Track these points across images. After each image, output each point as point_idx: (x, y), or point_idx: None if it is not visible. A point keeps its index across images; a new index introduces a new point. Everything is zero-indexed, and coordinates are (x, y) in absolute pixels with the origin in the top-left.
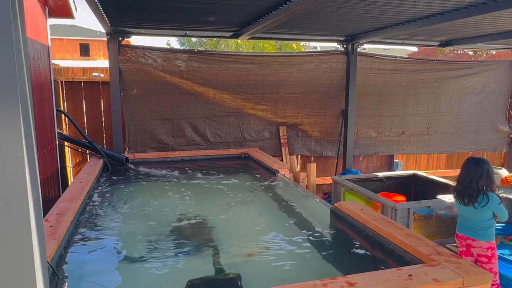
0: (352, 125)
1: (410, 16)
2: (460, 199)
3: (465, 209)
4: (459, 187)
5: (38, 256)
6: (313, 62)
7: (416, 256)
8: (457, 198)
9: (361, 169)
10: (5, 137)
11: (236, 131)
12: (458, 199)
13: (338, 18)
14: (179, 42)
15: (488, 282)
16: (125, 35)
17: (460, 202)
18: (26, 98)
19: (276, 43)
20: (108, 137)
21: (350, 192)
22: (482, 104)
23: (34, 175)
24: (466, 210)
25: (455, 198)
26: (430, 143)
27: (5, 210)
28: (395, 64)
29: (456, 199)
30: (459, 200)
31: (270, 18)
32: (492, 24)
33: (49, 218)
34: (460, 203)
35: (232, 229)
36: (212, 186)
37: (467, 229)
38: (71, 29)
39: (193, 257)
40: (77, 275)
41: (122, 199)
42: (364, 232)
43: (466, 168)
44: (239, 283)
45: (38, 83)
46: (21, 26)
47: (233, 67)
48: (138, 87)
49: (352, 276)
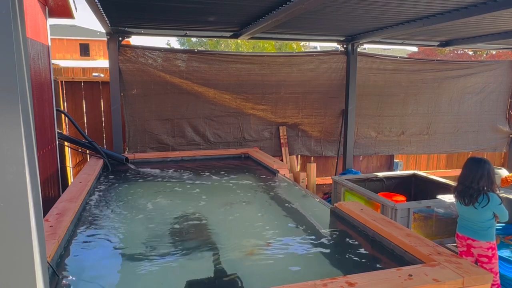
0: (352, 125)
1: (410, 16)
2: (461, 199)
3: (466, 209)
4: (459, 187)
5: (38, 256)
6: (313, 62)
7: (416, 256)
8: (457, 198)
9: (361, 169)
10: (5, 137)
11: (236, 131)
12: (459, 199)
13: (338, 18)
14: (179, 42)
15: (488, 282)
16: (125, 35)
17: (461, 202)
18: (26, 98)
19: (276, 43)
20: (108, 137)
21: (350, 192)
22: (482, 104)
23: (34, 175)
24: (466, 210)
25: (456, 198)
26: (430, 143)
27: (5, 210)
28: (395, 64)
29: (457, 199)
30: (460, 200)
31: (270, 18)
32: (492, 24)
33: (49, 218)
34: (461, 203)
35: (232, 229)
36: (212, 186)
37: (467, 229)
38: (71, 29)
39: (193, 257)
40: (77, 275)
41: (122, 199)
42: (364, 232)
43: (467, 168)
44: (239, 283)
45: (38, 83)
46: (21, 26)
47: (233, 67)
48: (138, 87)
49: (352, 276)
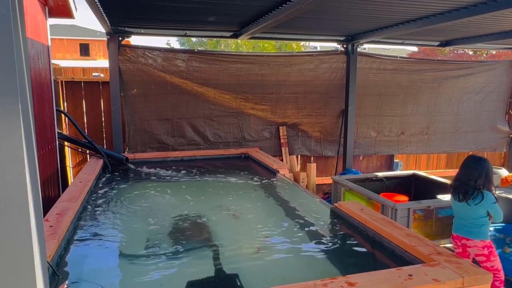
0: (352, 125)
1: (410, 16)
2: (455, 195)
3: (460, 205)
4: (455, 183)
5: (38, 256)
6: (313, 62)
7: (416, 256)
8: (452, 194)
9: (361, 169)
10: (5, 137)
11: (236, 131)
12: (454, 194)
13: (338, 18)
14: (179, 42)
15: (488, 282)
16: (125, 35)
17: (455, 198)
18: (26, 98)
19: (276, 43)
20: (108, 137)
21: (350, 192)
22: (482, 104)
23: (34, 175)
24: (460, 207)
25: (451, 194)
26: (430, 143)
27: (5, 210)
28: (395, 64)
29: (452, 195)
30: (454, 196)
31: (270, 18)
32: (492, 24)
33: (49, 218)
34: (455, 199)
35: (231, 229)
36: (212, 186)
37: (461, 229)
38: (71, 29)
39: (193, 257)
40: (77, 275)
41: (122, 199)
42: (364, 232)
43: (466, 166)
44: (239, 283)
45: (38, 83)
46: (21, 26)
47: (233, 67)
48: (138, 87)
49: (352, 276)
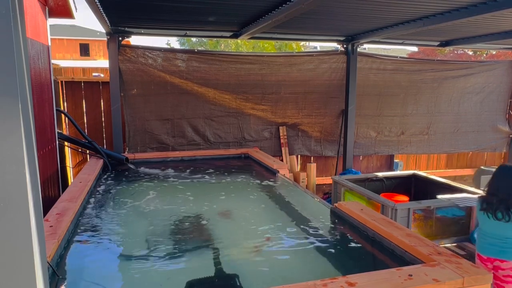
0: (352, 125)
1: (410, 16)
2: (492, 213)
3: (494, 224)
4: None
5: (38, 256)
6: (313, 62)
7: (416, 256)
8: (486, 211)
9: (361, 169)
10: (5, 137)
11: (236, 131)
12: (488, 212)
13: (338, 18)
14: (179, 42)
15: (488, 282)
16: (125, 35)
17: (490, 216)
18: (26, 98)
19: (276, 43)
20: (108, 137)
21: (350, 192)
22: (482, 104)
23: (34, 175)
24: (495, 226)
25: (483, 211)
26: (430, 143)
27: (5, 210)
28: (395, 64)
29: (485, 212)
30: (490, 214)
31: (270, 18)
32: (492, 24)
33: (49, 218)
34: (490, 217)
35: (231, 229)
36: (212, 186)
37: (493, 250)
38: (71, 29)
39: (193, 256)
40: (77, 275)
41: (122, 199)
42: (364, 232)
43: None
44: (239, 283)
45: (38, 83)
46: (21, 26)
47: (233, 67)
48: (138, 87)
49: (352, 276)
